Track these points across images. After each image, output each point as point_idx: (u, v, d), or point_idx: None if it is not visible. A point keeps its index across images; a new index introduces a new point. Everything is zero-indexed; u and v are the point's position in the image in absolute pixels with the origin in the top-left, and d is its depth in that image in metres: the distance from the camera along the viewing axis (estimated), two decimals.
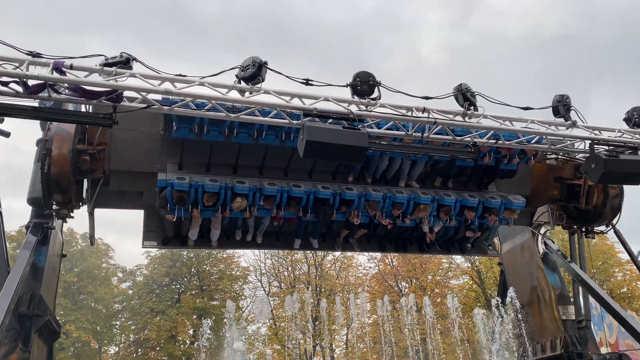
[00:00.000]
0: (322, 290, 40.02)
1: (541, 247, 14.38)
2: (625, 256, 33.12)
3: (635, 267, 17.47)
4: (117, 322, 39.53)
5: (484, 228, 13.07)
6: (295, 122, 9.05)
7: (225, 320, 33.66)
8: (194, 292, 38.62)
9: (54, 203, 10.17)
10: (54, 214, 10.36)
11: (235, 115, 9.04)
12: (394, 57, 75.40)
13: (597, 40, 72.40)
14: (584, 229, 13.74)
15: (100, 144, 9.98)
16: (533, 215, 14.47)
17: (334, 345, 40.00)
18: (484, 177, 12.83)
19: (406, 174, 12.05)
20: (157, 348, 37.06)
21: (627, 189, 13.25)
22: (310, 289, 39.82)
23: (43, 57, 8.15)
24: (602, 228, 13.66)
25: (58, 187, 9.24)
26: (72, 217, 10.89)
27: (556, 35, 70.36)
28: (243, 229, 12.08)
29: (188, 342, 37.83)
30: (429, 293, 38.35)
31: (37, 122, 10.40)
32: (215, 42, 73.57)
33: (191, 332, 38.25)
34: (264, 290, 40.54)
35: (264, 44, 69.35)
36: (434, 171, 12.50)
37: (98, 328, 36.62)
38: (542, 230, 14.51)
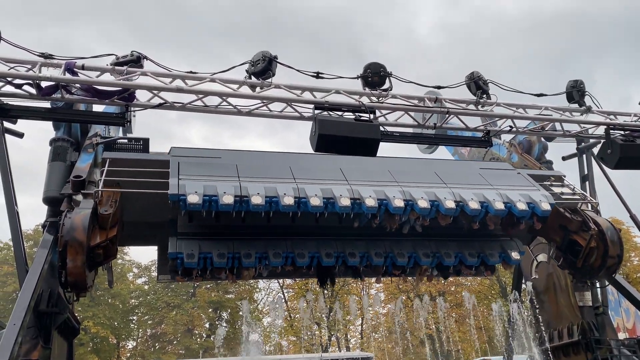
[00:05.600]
0: (336, 280, 40.10)
1: None
2: None
3: None
4: (134, 317, 39.99)
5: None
6: (306, 115, 9.05)
7: (240, 313, 33.83)
8: (209, 285, 38.90)
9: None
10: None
11: (247, 111, 9.06)
12: (389, 40, 73.93)
13: (600, 16, 70.53)
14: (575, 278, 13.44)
15: (114, 225, 9.36)
16: (532, 239, 14.17)
17: (349, 336, 40.14)
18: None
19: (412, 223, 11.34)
20: (174, 342, 37.50)
21: None
22: None
23: (55, 58, 8.22)
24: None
25: (76, 289, 9.17)
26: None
27: (557, 13, 68.54)
28: None
29: (205, 335, 38.21)
30: (442, 282, 38.31)
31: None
32: (204, 30, 72.86)
33: (207, 325, 38.62)
34: (278, 282, 40.73)
35: (254, 33, 68.30)
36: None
37: (116, 323, 37.08)
38: (539, 258, 14.22)
